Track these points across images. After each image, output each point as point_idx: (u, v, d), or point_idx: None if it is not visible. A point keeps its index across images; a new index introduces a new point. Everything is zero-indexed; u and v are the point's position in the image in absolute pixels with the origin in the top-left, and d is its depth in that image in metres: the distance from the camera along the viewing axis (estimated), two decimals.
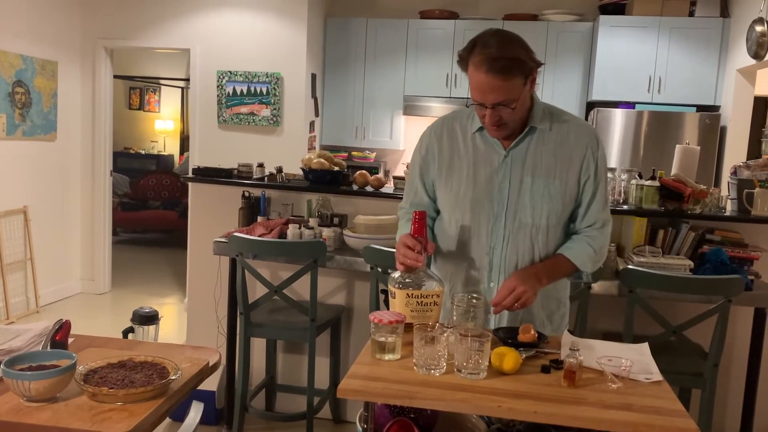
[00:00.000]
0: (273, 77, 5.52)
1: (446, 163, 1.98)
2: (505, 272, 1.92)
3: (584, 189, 1.94)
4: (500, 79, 1.74)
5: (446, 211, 2.01)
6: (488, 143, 1.94)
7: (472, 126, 1.96)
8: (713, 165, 5.19)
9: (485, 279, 1.94)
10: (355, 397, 1.48)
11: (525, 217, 1.90)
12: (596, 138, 1.95)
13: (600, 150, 1.95)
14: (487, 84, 1.75)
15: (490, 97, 1.77)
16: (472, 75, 1.79)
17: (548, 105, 1.97)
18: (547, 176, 1.89)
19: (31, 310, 5.38)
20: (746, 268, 2.99)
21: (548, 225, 1.92)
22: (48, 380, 1.46)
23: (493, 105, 1.78)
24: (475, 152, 1.95)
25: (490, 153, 1.93)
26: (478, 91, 1.79)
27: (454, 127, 2.00)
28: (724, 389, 3.26)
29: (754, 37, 4.60)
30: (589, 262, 1.96)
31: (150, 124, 10.63)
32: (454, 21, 5.86)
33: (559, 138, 1.92)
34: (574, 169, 1.91)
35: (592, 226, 1.96)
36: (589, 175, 1.93)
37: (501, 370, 1.56)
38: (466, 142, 1.97)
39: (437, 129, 2.03)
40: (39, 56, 5.36)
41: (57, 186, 5.71)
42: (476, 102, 1.82)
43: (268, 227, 3.36)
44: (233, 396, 3.30)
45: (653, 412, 1.40)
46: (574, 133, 1.92)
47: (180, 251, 6.38)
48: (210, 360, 1.79)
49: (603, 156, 1.96)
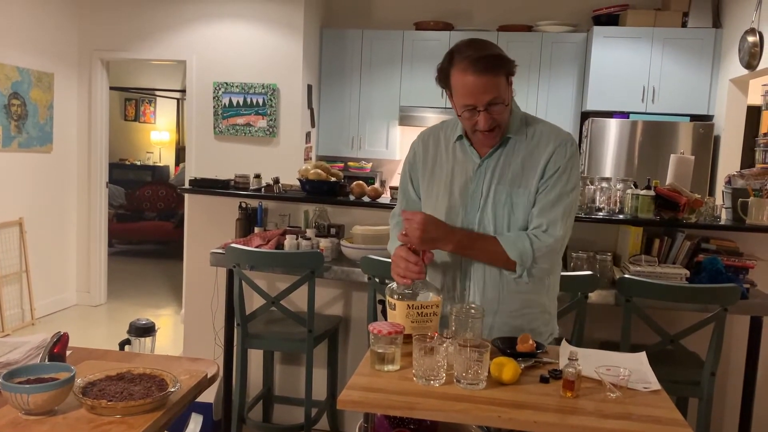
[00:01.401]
0: (269, 88, 5.53)
1: (429, 170, 2.02)
2: (474, 278, 1.92)
3: (539, 188, 1.88)
4: (489, 77, 1.77)
5: None
6: (466, 152, 1.97)
7: (453, 135, 1.99)
8: (707, 174, 5.22)
9: (458, 285, 1.96)
10: (354, 408, 1.48)
11: (489, 225, 1.90)
12: (566, 144, 1.89)
13: (569, 156, 1.87)
14: (477, 84, 1.77)
15: (483, 97, 1.79)
16: (459, 81, 1.80)
17: (527, 114, 1.98)
18: (511, 185, 1.89)
19: (26, 323, 5.35)
20: (742, 276, 3.01)
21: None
22: (46, 393, 1.45)
23: (486, 105, 1.80)
24: (454, 161, 1.98)
25: (466, 162, 1.96)
26: (469, 95, 1.80)
27: (439, 135, 2.05)
28: (722, 398, 3.27)
29: (747, 47, 4.64)
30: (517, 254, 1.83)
31: (145, 135, 10.63)
32: (449, 32, 5.89)
33: (530, 147, 1.91)
34: (537, 174, 1.89)
35: (537, 228, 1.87)
36: (549, 177, 1.87)
37: (500, 380, 1.56)
38: (447, 150, 2.01)
39: (425, 137, 2.08)
40: (35, 68, 5.37)
41: (53, 198, 5.70)
42: (467, 108, 1.82)
43: (265, 238, 3.36)
44: (230, 408, 3.29)
45: (652, 421, 1.41)
46: (545, 139, 1.91)
47: (176, 262, 6.37)
48: (208, 372, 1.78)
49: (572, 163, 1.88)
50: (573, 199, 1.90)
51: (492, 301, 1.92)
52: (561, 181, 1.87)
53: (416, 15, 6.10)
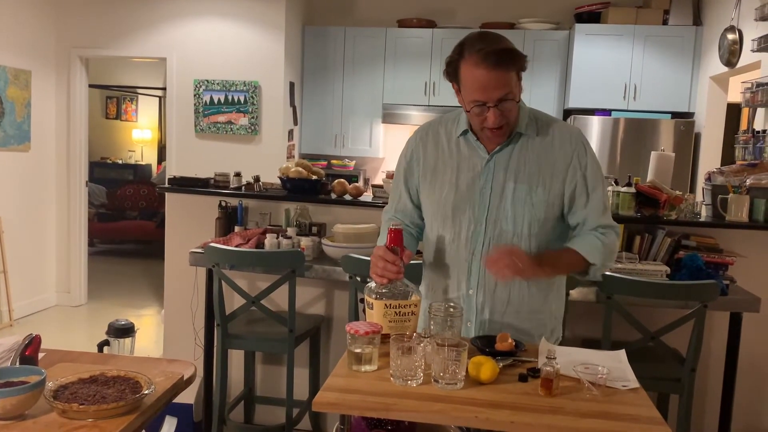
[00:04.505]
0: (251, 86, 5.49)
1: (430, 168, 1.95)
2: (484, 279, 1.89)
3: (575, 197, 1.87)
4: (500, 72, 1.71)
5: (429, 216, 1.99)
6: (472, 147, 1.91)
7: (457, 130, 1.93)
8: (688, 171, 5.26)
9: (464, 286, 1.92)
10: (330, 410, 1.46)
11: (506, 224, 1.86)
12: (583, 143, 1.89)
13: (589, 156, 1.88)
14: (489, 79, 1.71)
15: (494, 93, 1.73)
16: (469, 75, 1.74)
17: (534, 110, 1.94)
18: (529, 183, 1.85)
19: (4, 324, 5.27)
20: (721, 273, 3.02)
21: (530, 234, 1.87)
22: (16, 397, 1.42)
23: (496, 102, 1.74)
24: (459, 156, 1.92)
25: (473, 157, 1.90)
26: (479, 91, 1.74)
27: (439, 131, 1.98)
28: (702, 394, 3.29)
29: (726, 45, 4.67)
30: (598, 254, 1.86)
31: (127, 133, 10.53)
32: (432, 30, 5.88)
33: (543, 144, 1.87)
34: (558, 176, 1.86)
35: (597, 229, 1.89)
36: (576, 182, 1.86)
37: (478, 380, 1.55)
38: (450, 146, 1.94)
39: (422, 134, 2.00)
40: (12, 65, 5.29)
41: (31, 197, 5.62)
42: (476, 104, 1.77)
43: (245, 237, 3.33)
44: (211, 409, 3.26)
45: (630, 420, 1.40)
46: (558, 139, 1.88)
47: (158, 262, 6.28)
48: (185, 373, 1.76)
49: (593, 161, 1.89)
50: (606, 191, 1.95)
51: (502, 302, 1.89)
52: (598, 184, 1.88)
53: (399, 12, 6.09)
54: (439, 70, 5.84)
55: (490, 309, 1.90)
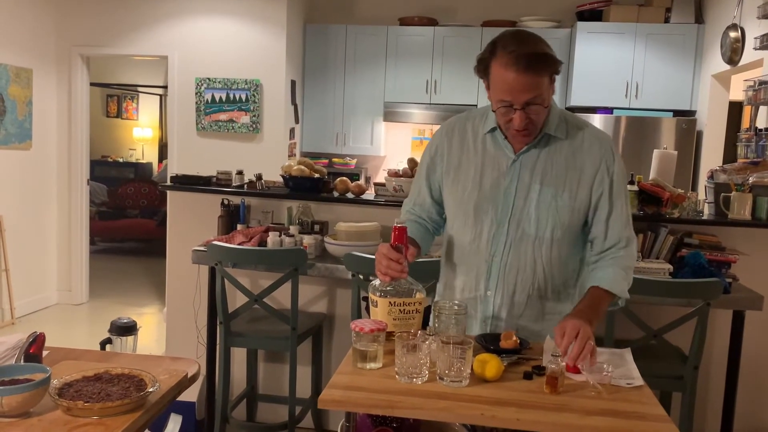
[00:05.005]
0: (252, 84, 5.49)
1: (454, 164, 1.91)
2: (503, 282, 1.86)
3: (599, 205, 1.84)
4: (531, 76, 1.67)
5: (451, 213, 1.95)
6: (498, 146, 1.86)
7: (484, 127, 1.88)
8: (690, 169, 5.26)
9: (482, 287, 1.89)
10: (336, 407, 1.46)
11: (528, 227, 1.82)
12: (612, 150, 1.85)
13: (617, 164, 1.84)
14: (518, 82, 1.67)
15: (521, 96, 1.69)
16: (499, 76, 1.70)
17: (565, 112, 1.90)
18: (556, 187, 1.81)
19: (6, 322, 5.28)
20: (724, 271, 3.02)
21: (552, 238, 1.83)
22: (21, 395, 1.42)
23: (523, 105, 1.70)
24: (484, 154, 1.87)
25: (499, 156, 1.86)
26: (507, 92, 1.70)
27: (466, 127, 1.93)
28: (705, 392, 3.29)
29: (728, 42, 4.67)
30: (625, 283, 1.83)
31: (128, 131, 10.53)
32: (434, 28, 5.87)
33: (572, 148, 1.83)
34: (585, 182, 1.82)
35: (615, 246, 1.85)
36: (603, 190, 1.83)
37: (483, 378, 1.55)
38: (476, 143, 1.89)
39: (448, 129, 1.96)
40: (13, 63, 5.28)
41: (33, 195, 5.62)
42: (503, 104, 1.73)
43: (247, 235, 3.33)
44: (214, 407, 3.26)
45: (636, 417, 1.40)
46: (588, 143, 1.84)
47: (159, 260, 6.29)
48: (189, 371, 1.75)
49: (621, 170, 1.85)
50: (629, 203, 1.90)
51: (519, 305, 1.88)
52: (622, 193, 1.84)
53: (400, 10, 6.08)
54: (441, 68, 5.87)
55: (508, 311, 1.88)
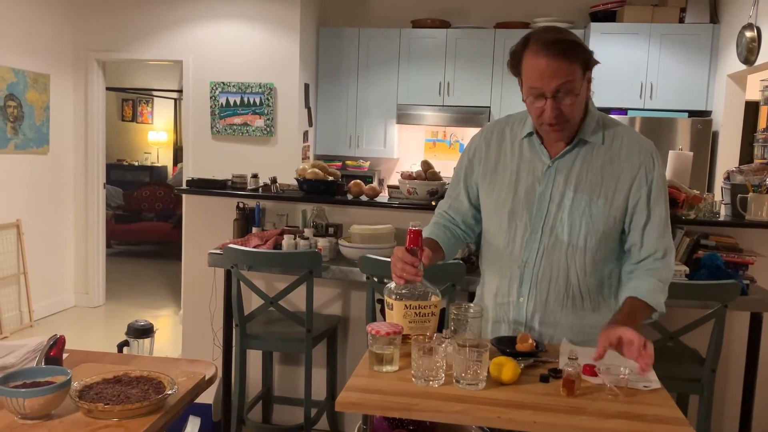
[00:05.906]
0: (266, 87, 5.52)
1: (491, 167, 1.90)
2: (536, 288, 1.84)
3: (636, 212, 1.79)
4: (561, 61, 1.65)
5: (486, 217, 1.95)
6: (534, 151, 1.84)
7: (522, 131, 1.87)
8: (706, 170, 5.22)
9: (515, 292, 1.87)
10: (353, 410, 1.47)
11: (562, 234, 1.80)
12: (652, 156, 1.80)
13: (657, 170, 1.79)
14: (547, 67, 1.66)
15: (551, 82, 1.66)
16: (530, 64, 1.69)
17: (604, 116, 1.86)
18: (590, 194, 1.77)
19: (24, 325, 5.34)
20: (741, 272, 3.00)
21: (586, 246, 1.80)
22: (43, 397, 1.44)
23: (554, 92, 1.67)
24: (521, 159, 1.86)
25: (534, 161, 1.84)
26: (537, 78, 1.68)
27: (504, 131, 1.92)
28: (722, 394, 3.26)
29: (744, 42, 4.63)
30: (662, 295, 1.78)
31: (143, 135, 10.61)
32: (446, 30, 5.88)
33: (609, 154, 1.79)
34: (622, 189, 1.78)
35: (652, 256, 1.80)
36: (640, 197, 1.78)
37: (500, 380, 1.55)
38: (513, 147, 1.88)
39: (487, 132, 1.95)
40: (31, 69, 5.35)
41: (50, 199, 5.68)
42: (534, 92, 1.71)
43: (263, 238, 3.35)
44: (230, 409, 3.28)
45: (653, 420, 1.40)
46: (626, 149, 1.80)
47: (174, 263, 6.36)
48: (206, 373, 1.77)
49: (660, 176, 1.80)
50: (668, 212, 1.84)
51: (554, 313, 1.85)
52: (661, 201, 1.80)
53: (413, 13, 6.09)
54: (453, 69, 5.87)
55: (540, 319, 1.86)
